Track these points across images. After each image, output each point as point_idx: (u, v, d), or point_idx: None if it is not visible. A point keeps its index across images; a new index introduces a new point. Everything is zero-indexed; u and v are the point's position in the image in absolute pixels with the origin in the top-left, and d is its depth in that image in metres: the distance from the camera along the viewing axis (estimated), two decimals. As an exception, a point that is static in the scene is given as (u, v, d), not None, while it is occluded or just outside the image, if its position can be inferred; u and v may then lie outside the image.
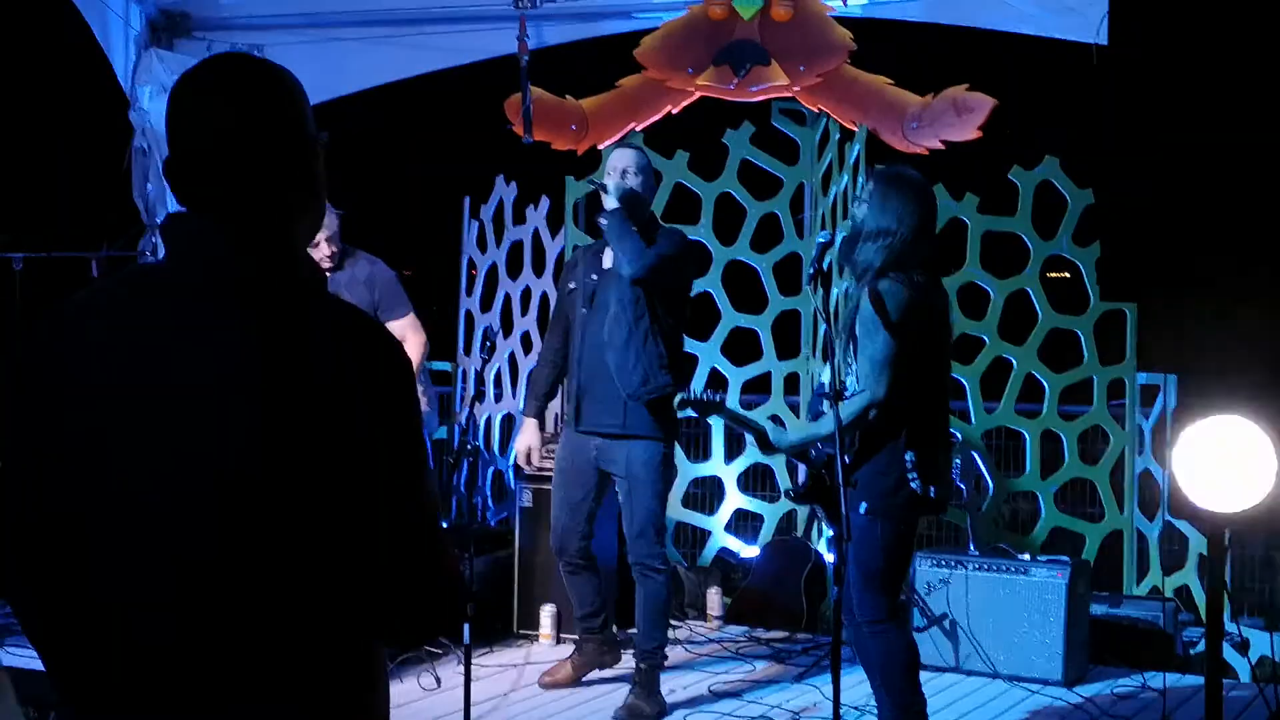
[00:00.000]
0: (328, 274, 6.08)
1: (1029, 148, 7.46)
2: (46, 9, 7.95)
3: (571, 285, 6.00)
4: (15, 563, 1.83)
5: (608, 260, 5.82)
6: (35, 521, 1.81)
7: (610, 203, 5.73)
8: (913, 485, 4.68)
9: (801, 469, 4.93)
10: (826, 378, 4.91)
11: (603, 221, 5.72)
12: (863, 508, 4.67)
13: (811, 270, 4.82)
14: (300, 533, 1.79)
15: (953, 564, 6.52)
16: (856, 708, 5.78)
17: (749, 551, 7.98)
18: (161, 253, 1.79)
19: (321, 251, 6.00)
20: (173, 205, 8.06)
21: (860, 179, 7.23)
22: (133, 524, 1.78)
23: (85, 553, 1.79)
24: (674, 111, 7.82)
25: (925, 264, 4.82)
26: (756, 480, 8.36)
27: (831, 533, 5.82)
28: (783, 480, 8.05)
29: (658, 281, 5.63)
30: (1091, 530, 7.36)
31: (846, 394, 4.73)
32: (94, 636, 1.79)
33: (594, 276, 5.85)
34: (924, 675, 5.01)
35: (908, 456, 4.67)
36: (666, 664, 5.93)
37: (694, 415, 5.65)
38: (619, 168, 5.81)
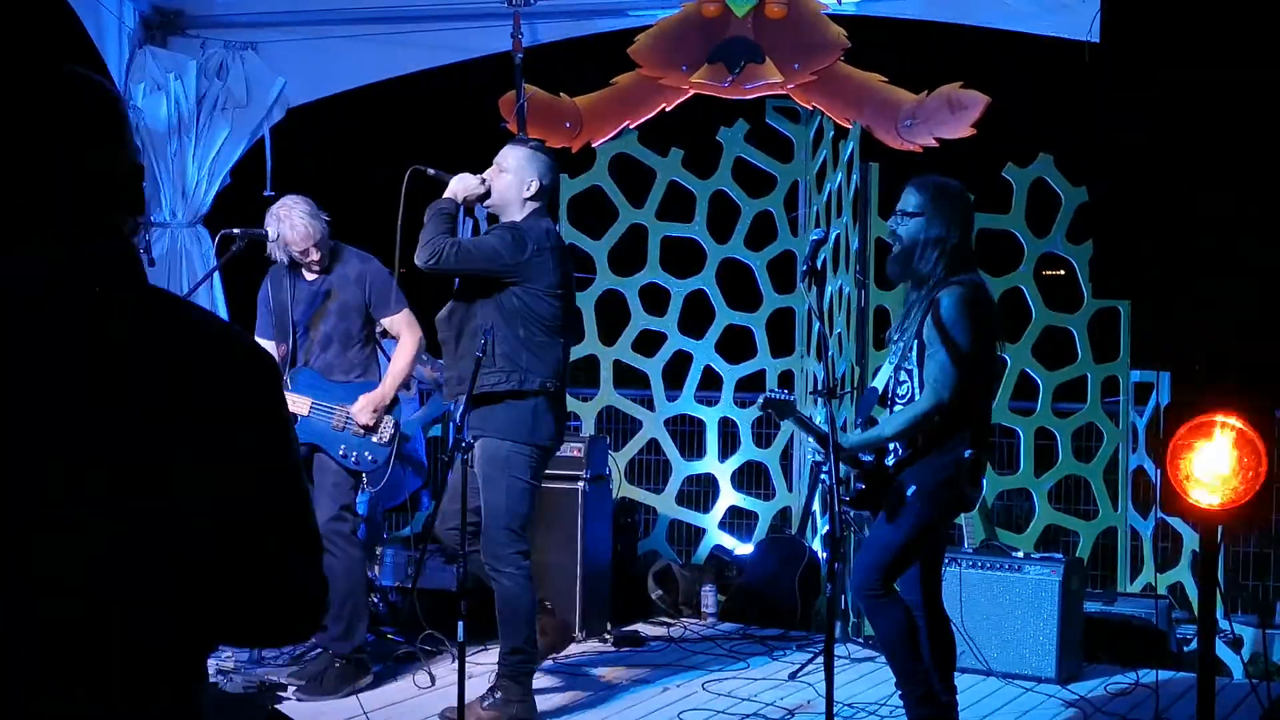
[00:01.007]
0: (318, 275, 6.07)
1: (1023, 145, 7.47)
2: (39, 6, 7.93)
3: None
4: (15, 563, 1.82)
5: None
6: (35, 521, 1.81)
7: (446, 192, 5.64)
8: (964, 483, 4.78)
9: (852, 475, 4.94)
10: (880, 380, 4.96)
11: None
12: (910, 490, 4.74)
13: (805, 268, 4.82)
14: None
15: (947, 561, 6.51)
16: (850, 705, 5.79)
17: (743, 549, 7.99)
18: (156, 252, 1.79)
19: (310, 258, 6.01)
20: (166, 205, 8.05)
21: (854, 176, 7.24)
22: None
23: (85, 553, 1.79)
24: (668, 109, 7.83)
25: (961, 266, 4.85)
26: (751, 478, 8.36)
27: (826, 529, 5.83)
28: (777, 479, 8.07)
29: (443, 274, 5.45)
30: (1085, 527, 7.37)
31: (901, 398, 4.78)
32: (94, 636, 1.79)
33: None
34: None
35: (965, 453, 4.75)
36: (536, 666, 5.75)
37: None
38: (496, 160, 5.69)
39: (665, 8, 7.83)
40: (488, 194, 5.64)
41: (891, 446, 4.82)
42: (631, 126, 7.90)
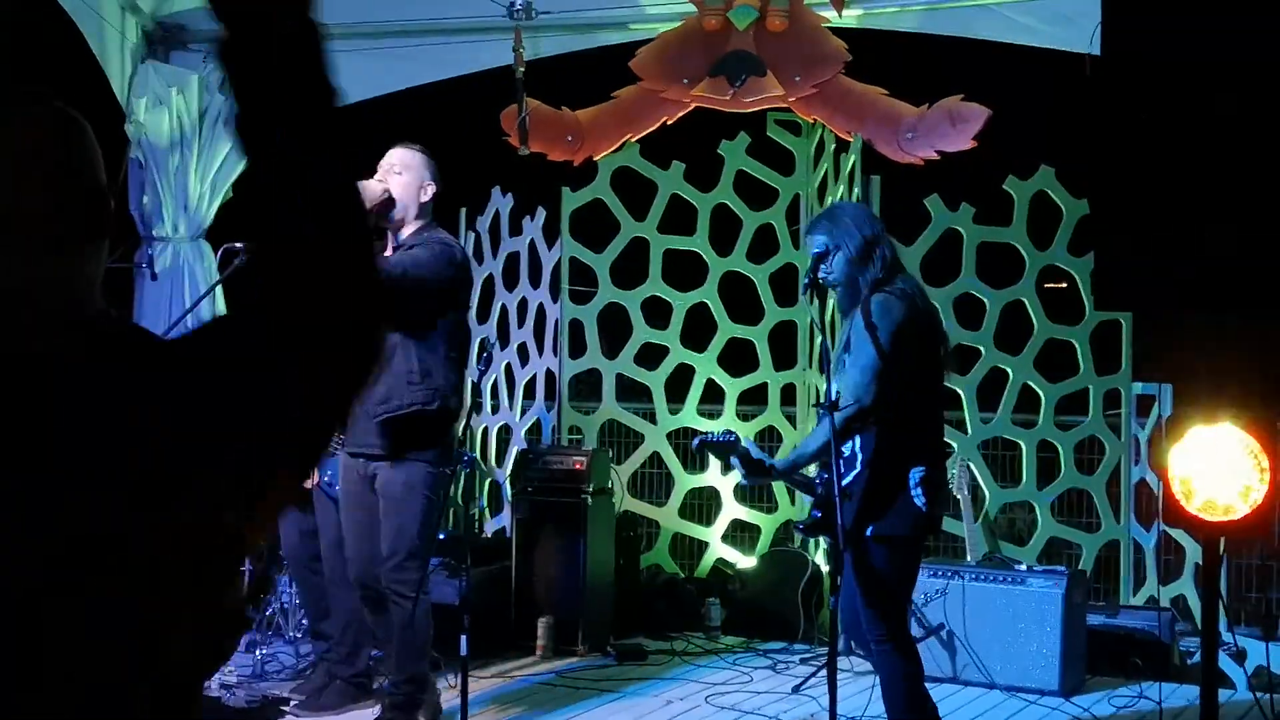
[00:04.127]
0: None
1: (1024, 158, 7.47)
2: (42, 21, 7.95)
3: None
4: None
5: None
6: None
7: None
8: (918, 503, 4.64)
9: (807, 502, 4.90)
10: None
11: None
12: (869, 531, 4.63)
13: (807, 280, 4.82)
14: None
15: (950, 574, 6.52)
16: (854, 718, 5.78)
17: (746, 562, 7.98)
18: (158, 266, 1.68)
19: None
20: (168, 219, 8.06)
21: (856, 189, 7.24)
22: None
23: None
24: (670, 122, 7.84)
25: (895, 267, 4.82)
26: (753, 491, 8.35)
27: (829, 543, 5.80)
28: (780, 492, 8.06)
29: (397, 291, 5.08)
30: (1088, 540, 7.36)
31: (841, 407, 4.73)
32: None
33: None
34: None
35: (913, 473, 4.64)
36: (431, 698, 5.49)
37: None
38: (384, 166, 5.35)
39: (666, 21, 7.84)
40: (392, 201, 5.28)
41: (841, 468, 4.68)
42: (633, 140, 7.90)
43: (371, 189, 5.23)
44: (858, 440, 4.69)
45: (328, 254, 1.49)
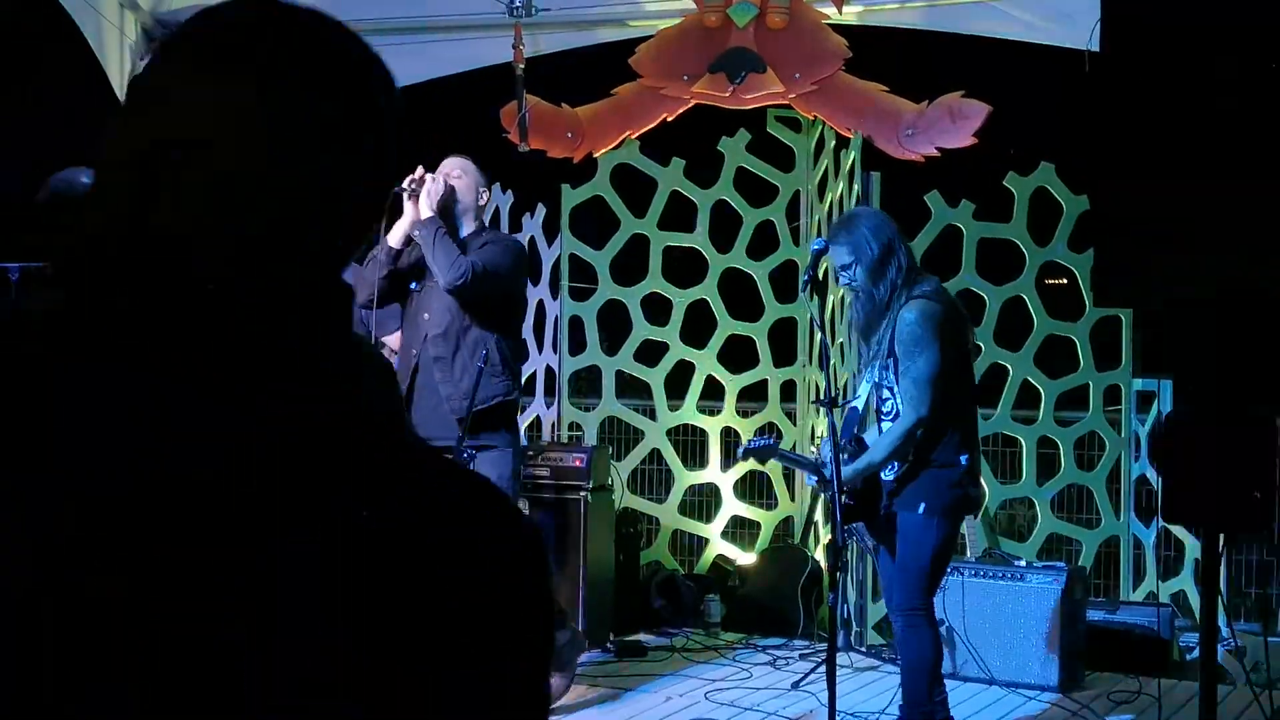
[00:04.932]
0: None
1: (1024, 153, 7.47)
2: (40, 17, 7.94)
3: (414, 284, 5.63)
4: None
5: None
6: None
7: (425, 211, 5.40)
8: (968, 488, 4.86)
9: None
10: (861, 399, 5.08)
11: (416, 231, 5.41)
12: (921, 508, 4.81)
13: (807, 277, 4.84)
14: None
15: (950, 570, 6.50)
16: (853, 714, 5.78)
17: (746, 559, 7.98)
18: None
19: None
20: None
21: (856, 186, 7.24)
22: None
23: None
24: (669, 119, 7.84)
25: (913, 269, 4.87)
26: (753, 488, 8.36)
27: (828, 540, 5.82)
28: (779, 489, 8.07)
29: (477, 291, 5.34)
30: (1088, 536, 7.37)
31: (888, 414, 4.84)
32: None
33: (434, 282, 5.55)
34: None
35: (962, 459, 4.83)
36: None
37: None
38: (442, 172, 5.54)
39: (666, 18, 7.83)
40: (454, 200, 5.52)
41: (898, 465, 4.90)
42: (633, 136, 7.90)
43: (438, 186, 5.47)
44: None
45: None
